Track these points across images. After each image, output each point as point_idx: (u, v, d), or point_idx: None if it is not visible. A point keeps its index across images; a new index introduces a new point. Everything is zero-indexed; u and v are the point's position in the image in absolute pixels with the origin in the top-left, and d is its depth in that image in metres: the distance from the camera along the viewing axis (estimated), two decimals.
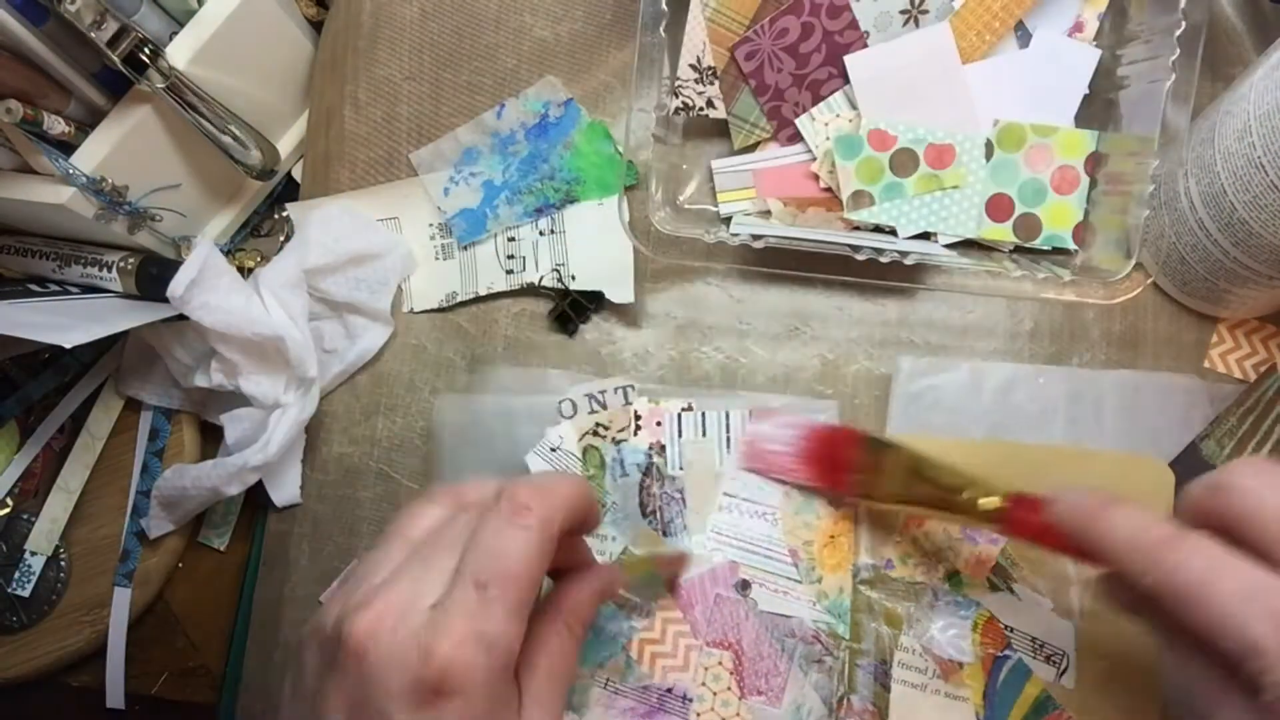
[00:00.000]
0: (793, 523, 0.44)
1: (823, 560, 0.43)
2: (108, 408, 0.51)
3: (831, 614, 0.43)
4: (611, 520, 0.45)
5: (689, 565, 0.43)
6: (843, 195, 0.45)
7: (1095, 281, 0.42)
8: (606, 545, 0.44)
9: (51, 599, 0.50)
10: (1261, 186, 0.38)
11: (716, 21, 0.46)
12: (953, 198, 0.45)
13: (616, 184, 0.45)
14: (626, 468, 0.45)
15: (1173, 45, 0.41)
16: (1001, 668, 0.42)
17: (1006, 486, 0.37)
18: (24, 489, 0.51)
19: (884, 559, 0.44)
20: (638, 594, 0.43)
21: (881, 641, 0.43)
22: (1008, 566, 0.43)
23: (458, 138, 0.49)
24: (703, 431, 0.45)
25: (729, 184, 0.48)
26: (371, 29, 0.49)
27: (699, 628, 0.43)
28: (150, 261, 0.48)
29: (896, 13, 0.45)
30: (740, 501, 0.44)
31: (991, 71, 0.45)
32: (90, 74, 0.43)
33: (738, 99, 0.47)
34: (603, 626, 0.43)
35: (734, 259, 0.46)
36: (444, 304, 0.49)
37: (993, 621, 0.43)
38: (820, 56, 0.46)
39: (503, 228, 0.49)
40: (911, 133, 0.45)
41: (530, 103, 0.49)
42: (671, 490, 0.45)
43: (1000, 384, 0.45)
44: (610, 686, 0.43)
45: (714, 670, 0.43)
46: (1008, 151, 0.45)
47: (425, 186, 0.49)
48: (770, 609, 0.43)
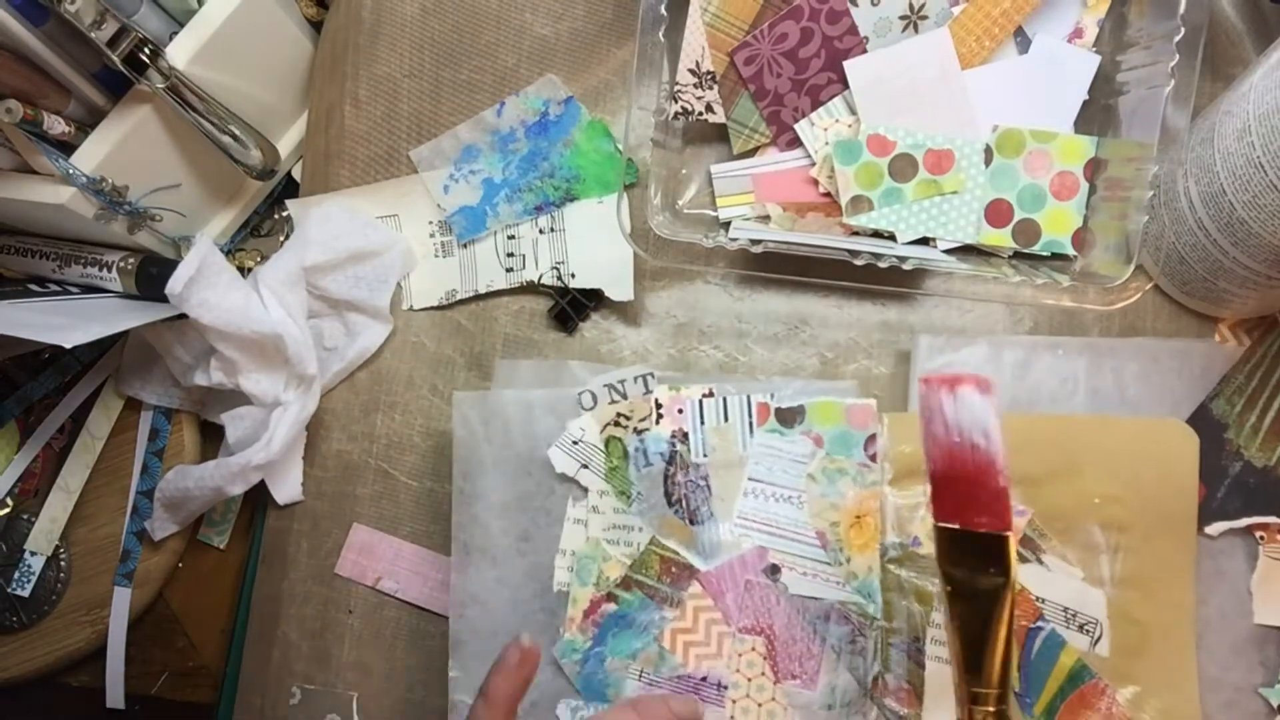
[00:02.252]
0: (819, 505, 0.44)
1: (850, 541, 0.43)
2: (108, 408, 0.51)
3: (861, 594, 0.43)
4: (637, 511, 0.44)
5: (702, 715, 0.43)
6: (842, 200, 0.45)
7: (1095, 287, 0.42)
8: (634, 536, 0.44)
9: (51, 599, 0.50)
10: (1261, 186, 0.38)
11: (716, 26, 0.45)
12: (951, 203, 0.45)
13: (616, 182, 0.45)
14: (650, 457, 0.45)
15: (1172, 51, 0.41)
16: (1035, 639, 0.43)
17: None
18: (24, 489, 0.51)
19: (910, 536, 0.44)
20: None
21: (913, 619, 0.43)
22: (1035, 538, 0.43)
23: (458, 135, 0.49)
24: (724, 417, 0.45)
25: (728, 189, 0.48)
26: (372, 26, 0.49)
27: (731, 614, 0.43)
28: (150, 261, 0.48)
29: (896, 18, 0.45)
30: (765, 486, 0.44)
31: (991, 77, 0.45)
32: (90, 74, 0.43)
33: (737, 104, 0.47)
34: (634, 618, 0.44)
35: (732, 263, 0.47)
36: (444, 302, 0.50)
37: (1024, 594, 0.43)
38: (820, 62, 0.46)
39: (502, 225, 0.49)
40: (911, 138, 0.45)
41: (531, 100, 0.49)
42: (696, 478, 0.44)
43: (1020, 358, 0.45)
44: (645, 677, 0.43)
45: (748, 656, 0.43)
46: (1007, 157, 0.45)
47: (425, 183, 0.50)
48: (800, 592, 0.43)
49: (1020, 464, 0.43)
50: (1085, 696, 0.42)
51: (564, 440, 0.45)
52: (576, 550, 0.45)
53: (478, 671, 0.44)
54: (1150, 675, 0.42)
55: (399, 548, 0.48)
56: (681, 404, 0.45)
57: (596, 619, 0.44)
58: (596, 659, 0.44)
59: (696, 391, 0.45)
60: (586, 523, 0.45)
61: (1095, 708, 0.42)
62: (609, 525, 0.45)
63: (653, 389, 0.45)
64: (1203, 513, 0.43)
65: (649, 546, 0.44)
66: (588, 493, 0.45)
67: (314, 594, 0.48)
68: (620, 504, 0.45)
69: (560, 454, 0.45)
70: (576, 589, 0.44)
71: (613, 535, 0.45)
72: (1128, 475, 0.43)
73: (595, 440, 0.45)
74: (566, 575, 0.45)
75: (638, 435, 0.45)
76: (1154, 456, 0.43)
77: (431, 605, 0.48)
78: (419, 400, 0.49)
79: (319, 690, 0.48)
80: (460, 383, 0.49)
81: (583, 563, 0.44)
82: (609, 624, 0.44)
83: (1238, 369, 0.44)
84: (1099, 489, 0.43)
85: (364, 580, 0.48)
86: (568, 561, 0.45)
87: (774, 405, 0.44)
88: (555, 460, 0.45)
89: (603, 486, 0.45)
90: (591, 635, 0.44)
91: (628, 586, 0.44)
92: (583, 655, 0.44)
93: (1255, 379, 0.44)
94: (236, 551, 0.52)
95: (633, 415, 0.45)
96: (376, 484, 0.49)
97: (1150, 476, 0.43)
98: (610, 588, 0.44)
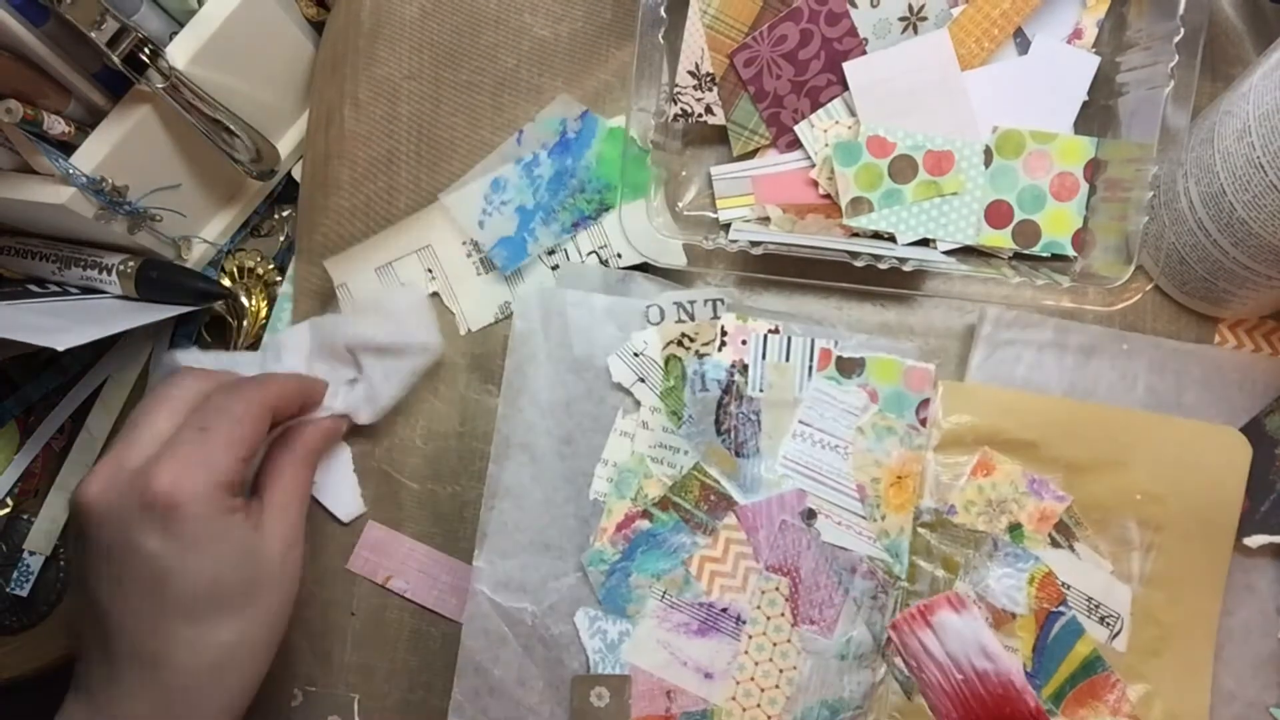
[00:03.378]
0: (864, 459, 0.44)
1: (888, 499, 0.43)
2: (108, 408, 0.51)
3: (890, 553, 0.43)
4: (685, 434, 0.45)
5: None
6: (841, 201, 0.45)
7: (1095, 288, 0.42)
8: (679, 459, 0.45)
9: (51, 599, 0.50)
10: (1261, 187, 0.38)
11: (715, 28, 0.46)
12: (951, 204, 0.45)
13: (645, 183, 0.45)
14: (707, 383, 0.45)
15: (1171, 52, 0.41)
16: (1054, 623, 0.43)
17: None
18: (24, 489, 0.51)
19: (947, 504, 0.44)
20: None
21: (936, 585, 0.43)
22: (1071, 525, 0.43)
23: (483, 169, 0.49)
24: (786, 356, 0.45)
25: (728, 190, 0.48)
26: (372, 28, 0.49)
27: (760, 551, 0.44)
28: (150, 265, 0.48)
29: (895, 20, 0.45)
30: (814, 431, 0.44)
31: (991, 78, 0.45)
32: (90, 74, 0.43)
33: (736, 106, 0.47)
34: (666, 539, 0.44)
35: (733, 265, 0.47)
36: (499, 317, 0.49)
37: (1050, 577, 0.43)
38: (819, 64, 0.46)
39: (544, 249, 0.49)
40: (910, 139, 0.45)
41: (547, 123, 0.49)
42: (749, 411, 0.44)
43: (1084, 345, 0.45)
44: (667, 599, 0.44)
45: (770, 595, 0.43)
46: (1007, 158, 0.45)
47: (459, 222, 0.49)
48: (832, 540, 0.43)
49: (1068, 449, 0.44)
50: (1095, 687, 0.43)
51: (625, 350, 0.45)
52: (619, 462, 0.45)
53: (501, 566, 0.45)
54: (1163, 677, 0.42)
55: (411, 547, 0.48)
56: (746, 335, 0.45)
57: (629, 533, 0.44)
58: (622, 573, 0.44)
59: (763, 326, 0.45)
60: (634, 436, 0.45)
61: (1104, 700, 0.42)
62: (656, 443, 0.45)
63: (721, 315, 0.45)
64: (1243, 524, 0.43)
65: (692, 471, 0.44)
66: (640, 407, 0.45)
67: (315, 596, 0.48)
68: (670, 424, 0.45)
69: (620, 363, 0.45)
70: (613, 500, 0.44)
71: (657, 454, 0.45)
72: (1173, 476, 0.43)
73: (656, 356, 0.45)
74: (604, 486, 0.45)
75: (699, 359, 0.45)
76: (1203, 462, 0.43)
77: (439, 607, 0.48)
78: (420, 403, 0.49)
79: (320, 692, 0.48)
80: (462, 385, 0.49)
81: (624, 475, 0.45)
82: (640, 540, 0.44)
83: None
84: (1142, 485, 0.43)
85: (374, 577, 0.48)
86: (608, 472, 0.45)
87: (836, 353, 0.45)
88: (614, 369, 0.45)
89: (656, 404, 0.45)
90: (621, 549, 0.44)
91: (665, 507, 0.44)
92: (609, 567, 0.44)
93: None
94: None
95: (697, 338, 0.45)
96: (378, 486, 0.49)
97: (1196, 481, 0.43)
98: (647, 505, 0.44)
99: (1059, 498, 0.43)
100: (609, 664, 0.44)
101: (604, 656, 0.44)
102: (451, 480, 0.48)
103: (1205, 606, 0.43)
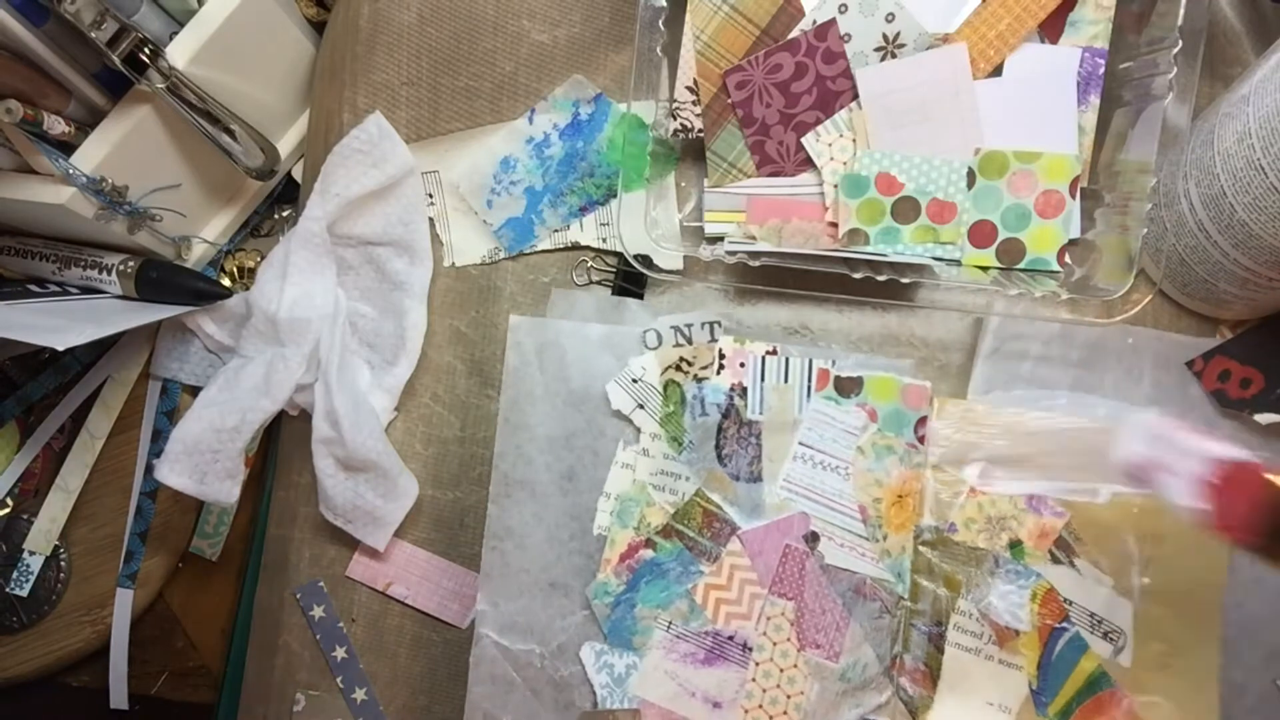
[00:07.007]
0: (864, 479, 0.44)
1: (889, 519, 0.43)
2: (108, 408, 0.51)
3: (892, 573, 0.43)
4: (686, 460, 0.44)
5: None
6: (840, 230, 0.45)
7: (1095, 299, 0.42)
8: (680, 485, 0.44)
9: (51, 599, 0.50)
10: (1261, 189, 0.38)
11: (706, 56, 0.45)
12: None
13: (658, 172, 0.44)
14: (706, 407, 0.45)
15: (1170, 62, 0.41)
16: (1058, 639, 0.43)
17: None
18: (24, 489, 0.51)
19: (948, 522, 0.44)
20: None
21: (939, 603, 0.44)
22: (1071, 541, 0.44)
23: (491, 148, 0.49)
24: (785, 377, 0.44)
25: (718, 205, 0.47)
26: (369, 34, 0.49)
27: (765, 576, 0.44)
28: (150, 265, 0.48)
29: (871, 50, 0.44)
30: (815, 452, 0.44)
31: (993, 91, 0.45)
32: (90, 74, 0.43)
33: (719, 136, 0.46)
34: (670, 568, 0.44)
35: (730, 276, 0.46)
36: (486, 260, 0.49)
37: (1052, 593, 0.43)
38: (810, 99, 0.45)
39: (550, 231, 0.48)
40: (915, 184, 0.44)
41: (560, 103, 0.49)
42: (749, 435, 0.44)
43: (1088, 341, 0.45)
44: (673, 630, 0.44)
45: (776, 620, 0.43)
46: (990, 179, 0.44)
47: (468, 201, 0.49)
48: (835, 563, 0.43)
49: (1064, 465, 0.44)
50: (1102, 703, 0.43)
51: (623, 377, 0.45)
52: (620, 493, 0.45)
53: (506, 608, 0.45)
54: (1169, 691, 0.42)
55: (411, 554, 0.48)
56: (744, 357, 0.45)
57: (632, 564, 0.44)
58: (627, 605, 0.44)
59: (760, 347, 0.45)
60: (634, 467, 0.45)
61: (1112, 716, 0.43)
62: (657, 470, 0.45)
63: (718, 338, 0.45)
64: (1255, 404, 0.42)
65: (694, 497, 0.44)
66: (640, 434, 0.45)
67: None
68: (671, 450, 0.45)
69: (618, 390, 0.45)
70: (616, 530, 0.44)
71: (659, 481, 0.45)
72: None
73: (654, 381, 0.45)
74: (608, 520, 0.45)
75: (697, 383, 0.45)
76: None
77: (440, 613, 0.48)
78: (420, 408, 0.49)
79: (322, 697, 0.48)
80: (461, 390, 0.49)
81: (625, 504, 0.45)
82: (644, 570, 0.44)
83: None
84: (1139, 499, 0.43)
85: (374, 584, 0.48)
86: (611, 505, 0.45)
87: (834, 372, 0.45)
88: (612, 396, 0.45)
89: (655, 430, 0.45)
90: (625, 580, 0.44)
91: (668, 535, 0.44)
92: (614, 599, 0.44)
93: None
94: (235, 554, 0.52)
95: (695, 361, 0.45)
96: None
97: None
98: (650, 534, 0.44)
99: (1057, 513, 0.44)
100: (616, 698, 0.43)
101: (611, 691, 0.43)
102: (452, 486, 0.48)
103: (1208, 617, 0.43)
